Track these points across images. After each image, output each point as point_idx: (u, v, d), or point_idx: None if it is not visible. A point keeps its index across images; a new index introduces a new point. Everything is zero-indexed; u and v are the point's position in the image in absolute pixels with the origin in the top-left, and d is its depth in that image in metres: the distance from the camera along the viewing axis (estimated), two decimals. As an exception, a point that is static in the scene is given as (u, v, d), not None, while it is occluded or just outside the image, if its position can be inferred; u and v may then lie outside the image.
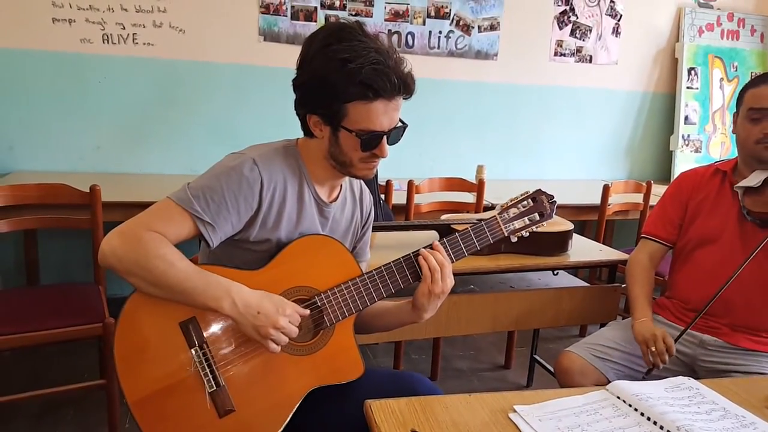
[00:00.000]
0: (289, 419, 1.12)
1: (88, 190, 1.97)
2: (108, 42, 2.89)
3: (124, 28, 2.89)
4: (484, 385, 2.60)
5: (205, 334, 1.08)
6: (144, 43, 2.94)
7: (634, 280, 1.71)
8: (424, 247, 1.18)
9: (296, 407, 1.13)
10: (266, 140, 1.23)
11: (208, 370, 1.07)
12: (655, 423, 1.00)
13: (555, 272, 2.14)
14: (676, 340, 1.51)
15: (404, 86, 1.09)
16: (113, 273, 1.07)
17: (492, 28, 3.53)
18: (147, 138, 3.06)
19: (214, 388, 1.07)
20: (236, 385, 1.09)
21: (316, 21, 3.18)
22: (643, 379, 1.54)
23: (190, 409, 1.07)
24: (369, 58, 1.04)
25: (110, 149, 3.00)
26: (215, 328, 1.10)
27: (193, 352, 1.07)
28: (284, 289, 1.13)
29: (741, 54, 4.04)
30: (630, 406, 1.06)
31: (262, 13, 3.10)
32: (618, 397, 1.09)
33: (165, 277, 1.04)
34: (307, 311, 1.12)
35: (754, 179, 1.56)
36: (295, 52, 1.12)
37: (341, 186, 1.28)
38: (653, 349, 1.48)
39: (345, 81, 1.04)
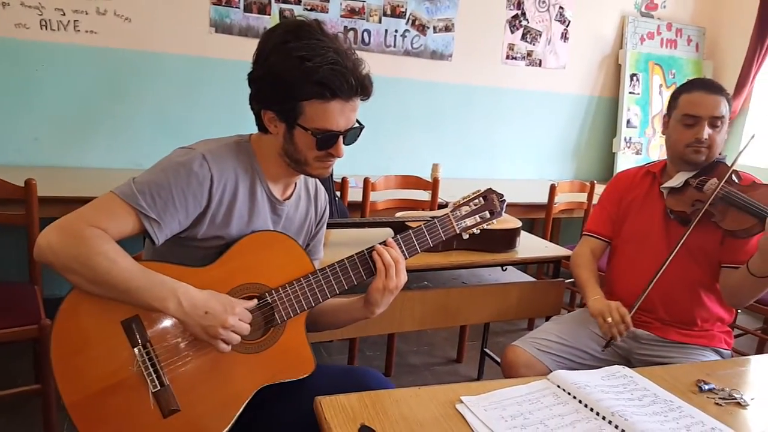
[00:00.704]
0: (237, 418, 1.10)
1: (23, 184, 1.87)
2: (46, 28, 2.74)
3: (64, 14, 2.75)
4: (436, 380, 2.64)
5: (148, 333, 1.05)
6: (86, 31, 2.81)
7: (580, 268, 1.77)
8: (378, 244, 1.18)
9: (244, 406, 1.11)
10: (217, 135, 1.20)
11: (151, 370, 1.04)
12: (591, 410, 1.05)
13: (504, 268, 2.19)
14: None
15: (362, 88, 1.09)
16: (51, 272, 1.02)
17: (447, 29, 3.58)
18: (90, 130, 2.93)
19: (158, 387, 1.04)
20: (181, 385, 1.06)
21: (269, 14, 3.13)
22: (603, 350, 1.60)
23: (132, 410, 1.03)
24: (327, 57, 1.03)
25: (49, 141, 2.85)
26: (159, 325, 1.06)
27: (136, 351, 1.03)
28: (233, 286, 1.11)
29: (678, 62, 4.27)
30: (569, 394, 1.10)
31: (214, 3, 3.02)
32: (558, 386, 1.13)
33: (107, 276, 1.00)
34: (254, 302, 1.11)
35: (677, 180, 1.66)
36: (247, 44, 1.10)
37: (295, 184, 1.27)
38: (609, 320, 1.53)
39: (302, 79, 1.04)
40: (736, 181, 1.62)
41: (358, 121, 1.14)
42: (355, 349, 2.51)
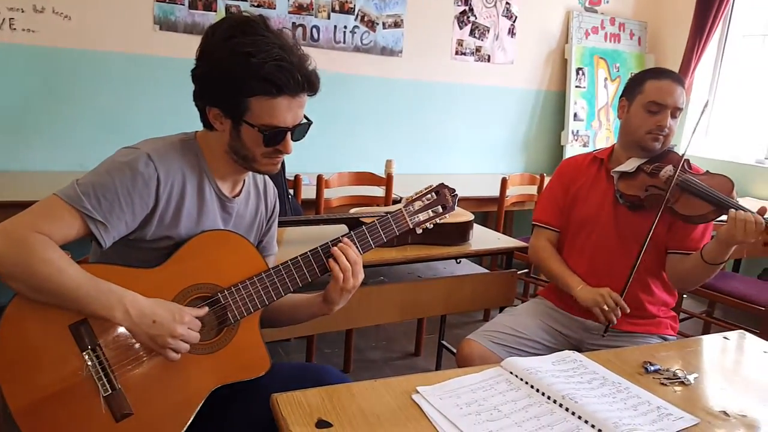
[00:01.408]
0: (191, 420, 1.09)
1: (-43, 190, 1.78)
2: (-22, 26, 2.61)
3: (-3, 12, 2.63)
4: (395, 374, 2.63)
5: (98, 336, 1.03)
6: (23, 30, 2.68)
7: (547, 260, 1.78)
8: (332, 241, 1.19)
9: (199, 407, 1.10)
10: (163, 134, 1.18)
11: (102, 374, 1.02)
12: (543, 394, 1.08)
13: (458, 261, 2.24)
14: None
15: (308, 83, 1.08)
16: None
17: (396, 25, 3.60)
18: (28, 132, 2.79)
19: (110, 391, 1.02)
20: (134, 388, 1.04)
21: (215, 11, 3.07)
22: (603, 336, 1.65)
23: (83, 416, 1.01)
24: (272, 53, 1.03)
25: (-16, 144, 2.72)
26: (109, 328, 1.04)
27: (85, 355, 1.01)
28: (185, 287, 1.09)
29: (622, 56, 4.43)
30: (521, 380, 1.13)
31: (158, 0, 2.94)
32: (511, 373, 1.16)
33: (51, 284, 0.97)
34: (206, 309, 1.10)
35: (629, 165, 1.69)
36: (193, 42, 1.09)
37: (244, 180, 1.26)
38: (605, 308, 1.57)
39: (247, 75, 1.03)
40: (689, 169, 1.67)
41: (306, 117, 1.14)
42: (313, 348, 2.51)
